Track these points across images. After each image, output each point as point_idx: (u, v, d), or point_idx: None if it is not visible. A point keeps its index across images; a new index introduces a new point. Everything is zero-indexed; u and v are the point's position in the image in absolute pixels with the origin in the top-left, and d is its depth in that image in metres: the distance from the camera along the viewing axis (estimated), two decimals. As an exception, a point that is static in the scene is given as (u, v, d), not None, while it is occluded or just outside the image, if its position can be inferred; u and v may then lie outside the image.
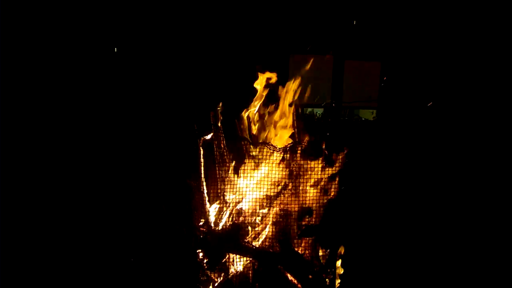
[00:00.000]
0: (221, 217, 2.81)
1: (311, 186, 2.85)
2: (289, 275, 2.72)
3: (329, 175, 2.87)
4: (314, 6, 7.06)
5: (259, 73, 3.02)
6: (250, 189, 2.85)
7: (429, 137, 6.88)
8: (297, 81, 3.05)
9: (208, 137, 2.85)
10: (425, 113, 7.53)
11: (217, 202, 2.83)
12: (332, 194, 2.88)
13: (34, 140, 5.59)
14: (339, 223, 2.97)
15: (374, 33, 7.98)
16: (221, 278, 2.74)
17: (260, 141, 2.92)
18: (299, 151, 2.83)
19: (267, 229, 2.82)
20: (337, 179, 2.88)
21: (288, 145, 2.80)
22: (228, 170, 2.86)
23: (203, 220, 2.82)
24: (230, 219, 2.81)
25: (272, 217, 2.84)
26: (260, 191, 2.84)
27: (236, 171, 2.87)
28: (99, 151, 5.71)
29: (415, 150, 6.40)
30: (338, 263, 2.88)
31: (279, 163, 2.83)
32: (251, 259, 2.75)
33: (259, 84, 3.04)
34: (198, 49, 7.18)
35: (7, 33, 5.74)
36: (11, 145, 5.13)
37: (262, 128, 3.03)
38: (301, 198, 2.84)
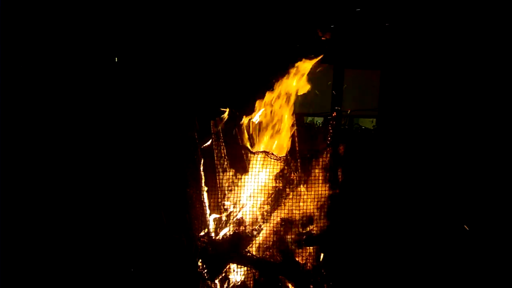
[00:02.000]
0: (222, 226, 2.79)
1: (311, 195, 2.83)
2: (290, 285, 2.70)
3: (330, 184, 2.86)
4: (313, 15, 7.10)
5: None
6: (251, 198, 2.84)
7: (429, 146, 6.86)
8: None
9: (209, 145, 2.84)
10: (425, 121, 7.53)
11: (218, 211, 2.82)
12: (333, 203, 2.87)
13: (32, 145, 5.57)
14: (340, 232, 2.94)
15: (374, 41, 8.01)
16: (222, 288, 2.72)
17: (261, 149, 2.90)
18: (299, 159, 2.82)
19: (268, 239, 2.80)
20: (337, 190, 2.87)
21: (289, 154, 2.80)
22: (229, 179, 2.85)
23: (203, 229, 2.80)
24: (231, 228, 2.79)
25: (273, 226, 2.82)
26: (261, 200, 2.83)
27: (237, 179, 2.86)
28: (98, 156, 5.69)
29: (415, 159, 6.39)
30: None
31: (279, 172, 2.82)
32: (252, 269, 2.73)
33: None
34: (199, 58, 7.20)
35: (10, 35, 5.75)
36: (10, 146, 5.11)
37: (262, 137, 3.03)
38: (302, 207, 2.82)
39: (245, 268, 2.74)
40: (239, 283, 2.72)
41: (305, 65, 3.07)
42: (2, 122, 5.05)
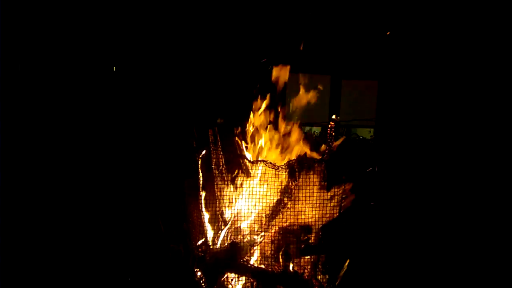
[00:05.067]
0: (220, 235, 2.79)
1: (310, 204, 2.83)
2: (288, 295, 2.69)
3: (328, 193, 2.87)
4: (311, 25, 7.16)
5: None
6: (249, 207, 2.83)
7: (426, 155, 6.89)
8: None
9: (207, 154, 2.84)
10: (423, 130, 7.56)
11: (215, 220, 2.81)
12: (331, 212, 2.87)
13: (31, 153, 5.57)
14: (338, 242, 2.94)
15: (371, 52, 8.07)
16: (219, 298, 2.70)
17: (259, 158, 2.91)
18: (297, 170, 2.82)
19: (265, 248, 2.80)
20: (336, 198, 2.88)
21: (287, 163, 2.80)
22: (227, 188, 2.85)
23: (201, 238, 2.79)
24: (229, 237, 2.78)
25: (271, 236, 2.81)
26: (259, 209, 2.82)
27: (235, 189, 2.85)
28: (96, 162, 5.68)
29: (412, 168, 6.40)
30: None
31: (278, 181, 2.82)
32: (249, 278, 2.72)
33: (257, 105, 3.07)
34: (196, 68, 7.24)
35: (12, 37, 5.76)
36: (10, 145, 5.10)
37: (261, 146, 3.04)
38: (300, 217, 2.82)
39: (243, 277, 2.73)
40: (236, 293, 2.71)
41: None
42: (3, 122, 5.05)
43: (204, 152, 2.84)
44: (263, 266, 2.74)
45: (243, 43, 7.30)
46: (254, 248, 2.79)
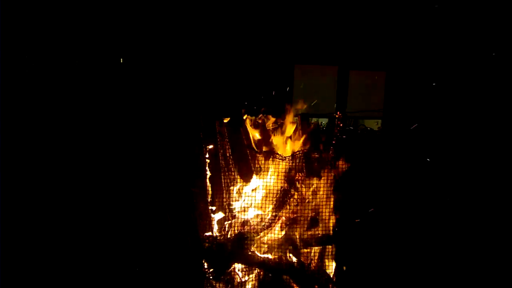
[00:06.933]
0: (226, 226, 2.80)
1: (317, 195, 2.83)
2: (295, 286, 2.70)
3: (335, 184, 2.86)
4: (319, 15, 7.10)
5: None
6: (256, 198, 2.84)
7: (434, 147, 6.84)
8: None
9: (213, 145, 2.84)
10: (430, 122, 7.50)
11: (223, 211, 2.82)
12: (339, 204, 2.86)
13: (37, 145, 5.60)
14: (345, 234, 2.94)
15: (379, 42, 8.00)
16: (227, 288, 2.72)
17: (266, 149, 2.91)
18: (304, 160, 2.81)
19: (272, 239, 2.80)
20: (342, 188, 2.87)
21: (294, 154, 2.79)
22: (234, 179, 2.85)
23: (208, 229, 2.80)
24: (236, 228, 2.79)
25: (278, 227, 2.82)
26: (266, 201, 2.83)
27: (242, 179, 2.85)
28: (103, 156, 5.70)
29: (419, 160, 6.36)
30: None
31: (285, 172, 2.81)
32: (256, 268, 2.73)
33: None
34: (203, 57, 7.22)
35: (12, 34, 5.78)
36: (11, 145, 5.13)
37: (268, 137, 3.03)
38: (307, 208, 2.82)
39: (250, 267, 2.74)
40: (243, 283, 2.72)
41: None
42: (3, 121, 5.07)
43: (211, 142, 2.83)
44: (270, 257, 2.74)
45: (249, 34, 7.27)
46: (261, 239, 2.79)
